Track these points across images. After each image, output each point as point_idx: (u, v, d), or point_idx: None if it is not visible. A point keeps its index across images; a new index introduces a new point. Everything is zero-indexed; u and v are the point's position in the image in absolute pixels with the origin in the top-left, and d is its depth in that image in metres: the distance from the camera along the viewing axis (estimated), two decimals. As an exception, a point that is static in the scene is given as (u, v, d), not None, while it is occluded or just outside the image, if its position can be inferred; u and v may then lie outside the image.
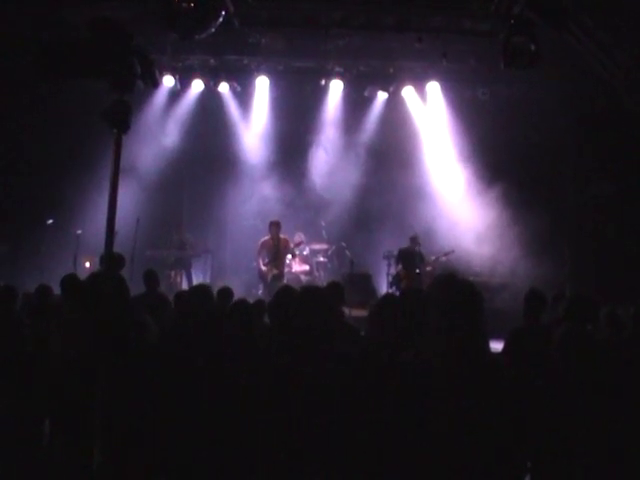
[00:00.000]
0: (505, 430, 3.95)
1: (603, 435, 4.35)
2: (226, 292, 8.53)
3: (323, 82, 17.46)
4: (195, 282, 16.45)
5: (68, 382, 4.87)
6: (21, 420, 5.92)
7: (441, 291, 4.10)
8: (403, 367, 4.15)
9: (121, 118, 3.76)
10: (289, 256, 16.00)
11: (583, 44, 12.35)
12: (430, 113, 17.91)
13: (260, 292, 15.49)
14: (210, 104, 18.00)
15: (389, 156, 17.85)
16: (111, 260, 3.99)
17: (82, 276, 8.64)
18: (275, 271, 15.67)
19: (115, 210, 3.72)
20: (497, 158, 16.54)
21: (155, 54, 14.23)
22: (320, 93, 17.90)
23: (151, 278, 9.78)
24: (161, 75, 16.41)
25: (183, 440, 4.40)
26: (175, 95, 17.76)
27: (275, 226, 15.77)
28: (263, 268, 15.74)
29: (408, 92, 17.70)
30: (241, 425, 4.40)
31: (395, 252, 16.50)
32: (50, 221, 15.64)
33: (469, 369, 3.92)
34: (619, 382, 4.64)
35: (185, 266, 17.12)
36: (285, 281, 15.31)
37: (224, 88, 17.76)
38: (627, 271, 14.15)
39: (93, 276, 4.95)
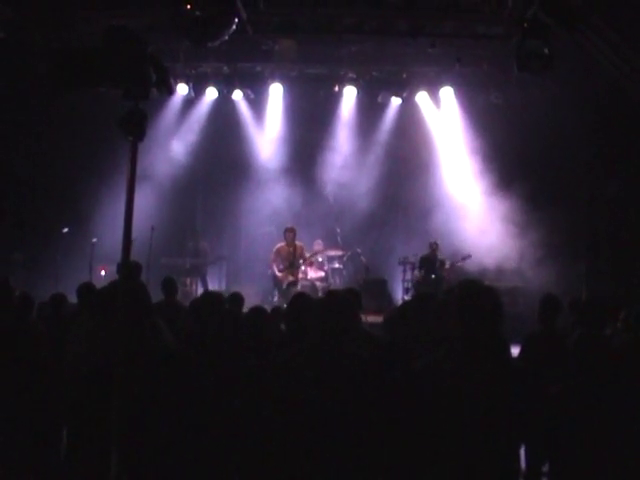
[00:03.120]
0: (521, 434, 3.94)
1: (619, 440, 4.33)
2: (236, 298, 8.56)
3: (336, 88, 17.44)
4: (211, 289, 16.48)
5: (85, 391, 4.87)
6: (39, 430, 5.92)
7: (463, 296, 4.09)
8: (419, 372, 4.14)
9: (137, 126, 3.76)
10: (300, 261, 15.98)
11: (596, 46, 12.31)
12: (444, 118, 17.89)
13: (275, 299, 15.51)
14: (224, 111, 18.04)
15: (403, 161, 17.85)
16: (128, 268, 3.98)
17: (98, 284, 8.68)
18: (291, 278, 15.68)
19: (132, 218, 3.72)
20: (511, 162, 16.51)
21: (169, 62, 14.29)
22: (333, 99, 17.91)
23: (169, 286, 9.76)
24: (175, 83, 16.43)
25: (200, 447, 4.41)
26: (189, 103, 17.79)
27: (290, 233, 15.79)
28: (278, 275, 15.76)
29: (422, 97, 17.67)
30: (258, 429, 4.40)
31: (411, 258, 16.50)
32: (66, 229, 15.70)
33: (488, 374, 3.91)
34: (636, 387, 4.62)
35: (200, 273, 17.16)
36: (300, 288, 15.29)
37: (238, 95, 17.75)
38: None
39: (113, 284, 4.94)
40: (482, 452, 3.83)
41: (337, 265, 17.18)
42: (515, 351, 7.55)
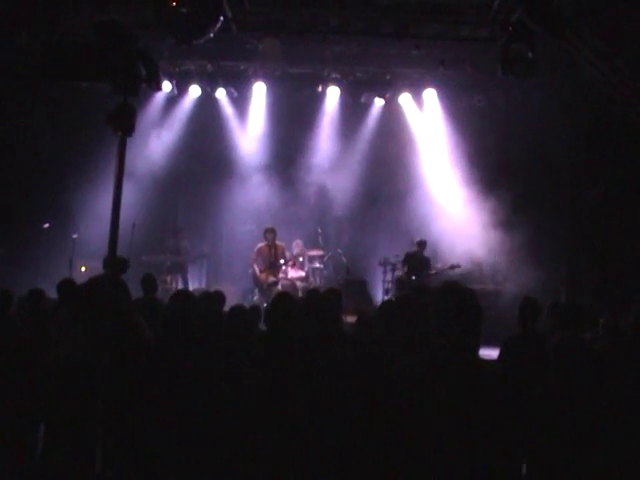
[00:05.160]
0: (499, 436, 3.95)
1: (598, 441, 4.35)
2: (217, 296, 8.55)
3: (320, 88, 17.38)
4: (191, 287, 16.48)
5: (65, 386, 4.85)
6: (17, 427, 5.89)
7: (443, 298, 4.10)
8: (396, 373, 4.14)
9: (125, 121, 3.75)
10: (281, 261, 15.96)
11: (580, 52, 12.36)
12: (426, 120, 17.91)
13: (255, 298, 15.49)
14: (207, 110, 17.97)
15: (385, 162, 17.83)
16: (114, 263, 3.96)
17: (78, 281, 8.63)
18: (272, 278, 15.67)
19: (119, 213, 3.71)
20: (493, 165, 16.54)
21: (152, 59, 14.23)
22: (317, 99, 17.87)
23: (148, 283, 9.75)
24: (160, 80, 16.38)
25: (182, 445, 4.40)
26: (172, 100, 17.72)
27: (271, 233, 15.79)
28: (259, 274, 15.73)
29: (405, 99, 17.68)
30: (240, 428, 4.40)
31: (391, 259, 16.49)
32: (46, 225, 15.60)
33: (466, 377, 3.92)
34: (615, 390, 4.64)
35: (181, 271, 17.11)
36: (280, 287, 15.29)
37: (221, 94, 17.71)
38: (625, 278, 14.12)
39: (92, 280, 4.92)
40: (461, 456, 3.83)
41: (318, 265, 17.17)
42: (494, 353, 7.60)
